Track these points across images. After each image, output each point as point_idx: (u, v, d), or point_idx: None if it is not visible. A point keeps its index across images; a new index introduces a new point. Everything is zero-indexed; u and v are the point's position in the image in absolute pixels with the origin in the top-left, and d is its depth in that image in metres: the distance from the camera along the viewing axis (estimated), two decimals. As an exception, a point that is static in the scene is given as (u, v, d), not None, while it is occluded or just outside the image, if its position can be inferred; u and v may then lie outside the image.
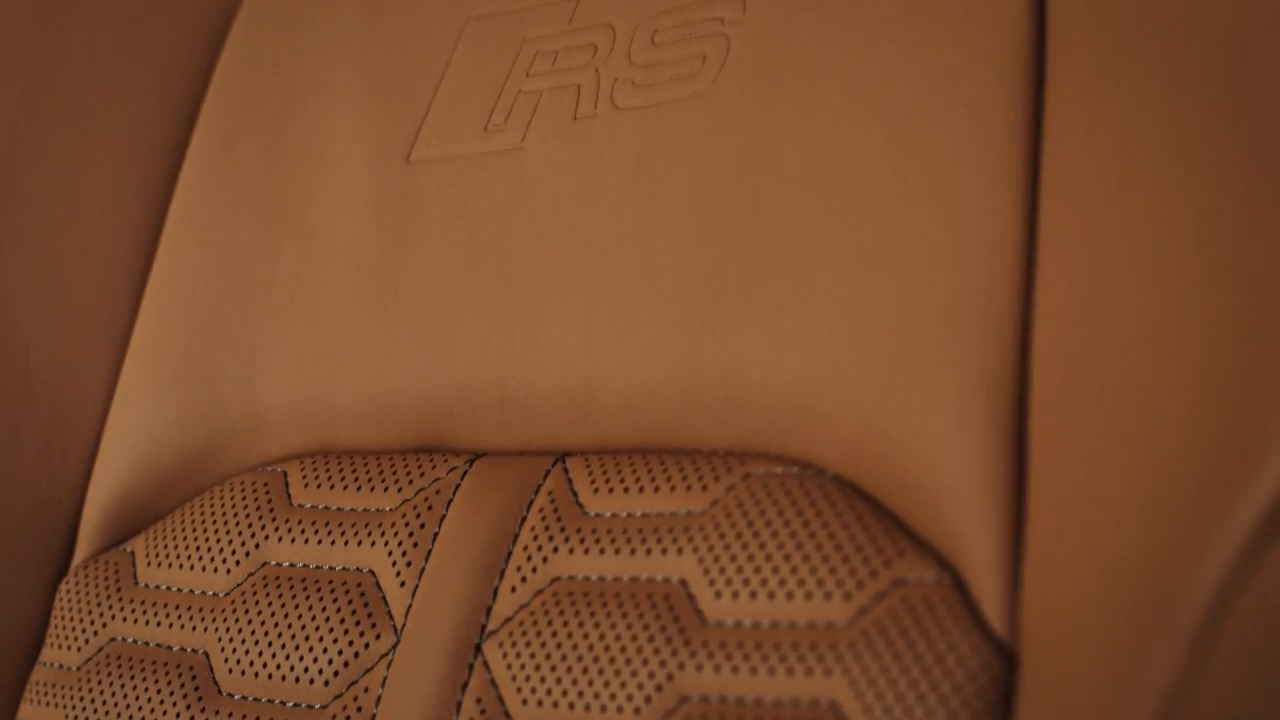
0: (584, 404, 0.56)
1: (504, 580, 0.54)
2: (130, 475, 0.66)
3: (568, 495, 0.54)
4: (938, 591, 0.45)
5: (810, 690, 0.46)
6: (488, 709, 0.52)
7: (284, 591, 0.58)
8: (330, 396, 0.62)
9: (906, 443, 0.47)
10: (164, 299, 0.68)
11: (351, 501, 0.59)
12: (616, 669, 0.49)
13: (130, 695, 0.60)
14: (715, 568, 0.49)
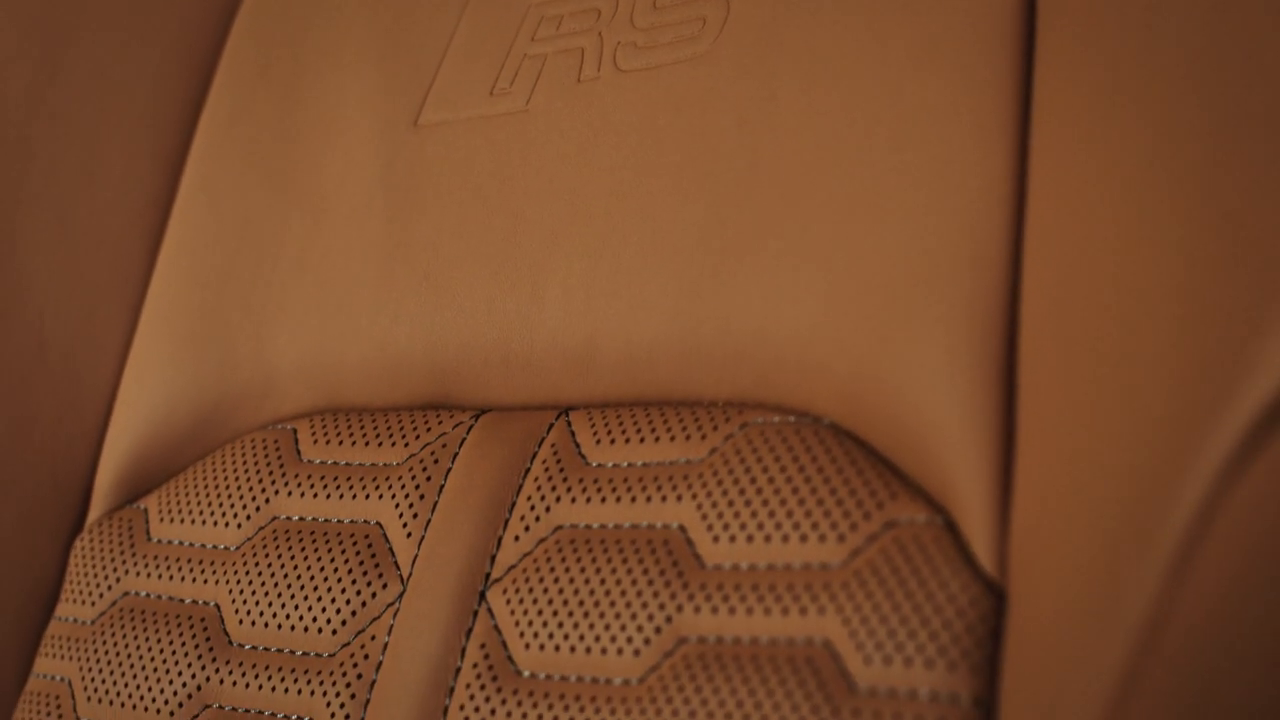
0: (586, 359, 0.57)
1: (508, 529, 0.55)
2: (143, 435, 0.67)
3: (570, 447, 0.55)
4: (929, 532, 0.46)
5: (805, 629, 0.47)
6: (491, 653, 0.53)
7: (293, 544, 0.59)
8: (339, 356, 0.63)
9: (900, 390, 0.48)
10: (177, 264, 0.69)
11: (359, 457, 0.60)
12: (617, 612, 0.51)
13: (143, 646, 0.61)
14: (713, 513, 0.50)
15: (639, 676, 0.49)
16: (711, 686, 0.47)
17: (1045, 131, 0.48)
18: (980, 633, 0.44)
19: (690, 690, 0.48)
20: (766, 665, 0.47)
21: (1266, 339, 0.33)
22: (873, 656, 0.45)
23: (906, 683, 0.44)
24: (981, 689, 0.44)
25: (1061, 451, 0.42)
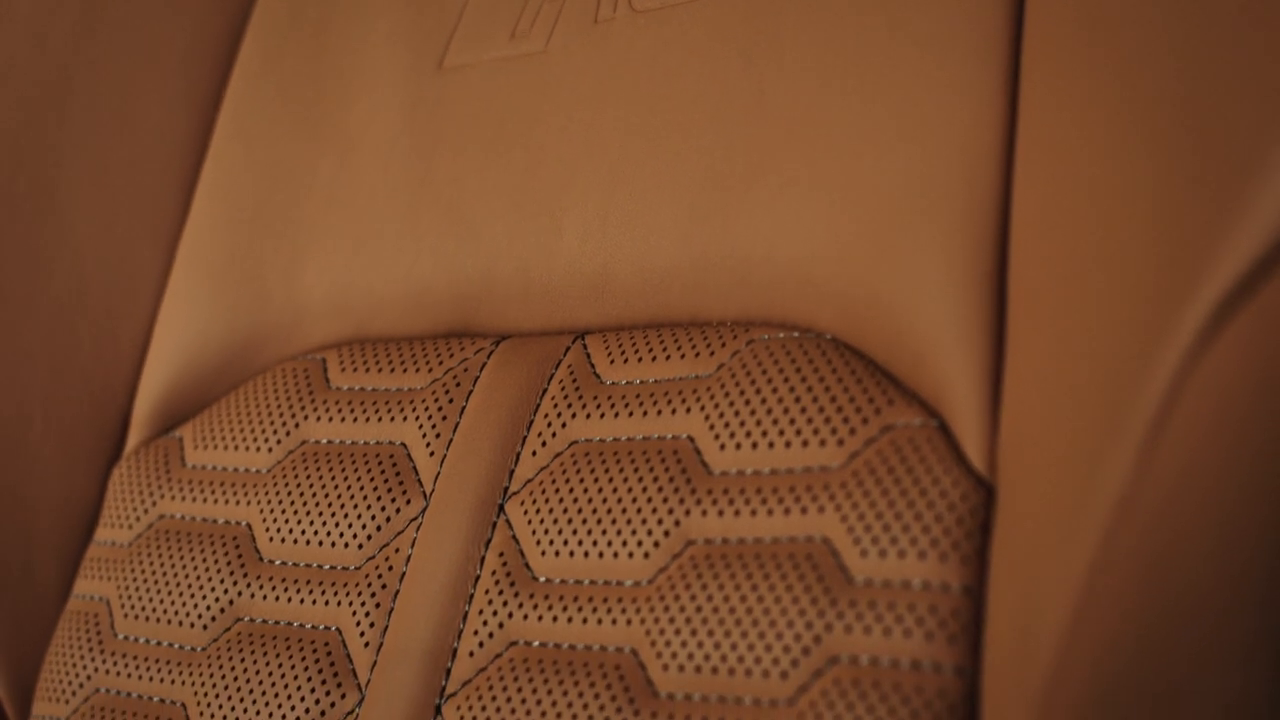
0: (602, 285, 0.60)
1: (525, 446, 0.57)
2: (179, 368, 0.70)
3: (586, 368, 0.58)
4: (923, 434, 0.49)
5: (805, 528, 0.49)
6: (509, 561, 0.55)
7: (321, 466, 0.62)
8: (366, 288, 0.66)
9: (897, 303, 0.51)
10: (211, 203, 0.72)
11: (385, 382, 0.63)
12: (628, 519, 0.53)
13: (177, 565, 0.64)
14: (720, 423, 0.53)
15: (648, 578, 0.52)
16: (717, 584, 0.50)
17: (1035, 57, 0.50)
18: (970, 526, 0.46)
19: (697, 588, 0.50)
20: (769, 562, 0.49)
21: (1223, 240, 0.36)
22: (869, 550, 0.47)
23: (900, 574, 0.47)
24: (971, 578, 0.46)
25: (1046, 355, 0.45)
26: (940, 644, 0.45)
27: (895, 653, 0.46)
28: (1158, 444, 0.37)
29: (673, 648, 0.50)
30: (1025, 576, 0.43)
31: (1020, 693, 0.42)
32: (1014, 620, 0.43)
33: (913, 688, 0.45)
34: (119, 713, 0.63)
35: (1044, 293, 0.46)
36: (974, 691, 0.45)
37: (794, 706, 0.47)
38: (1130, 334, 0.39)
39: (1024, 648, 0.42)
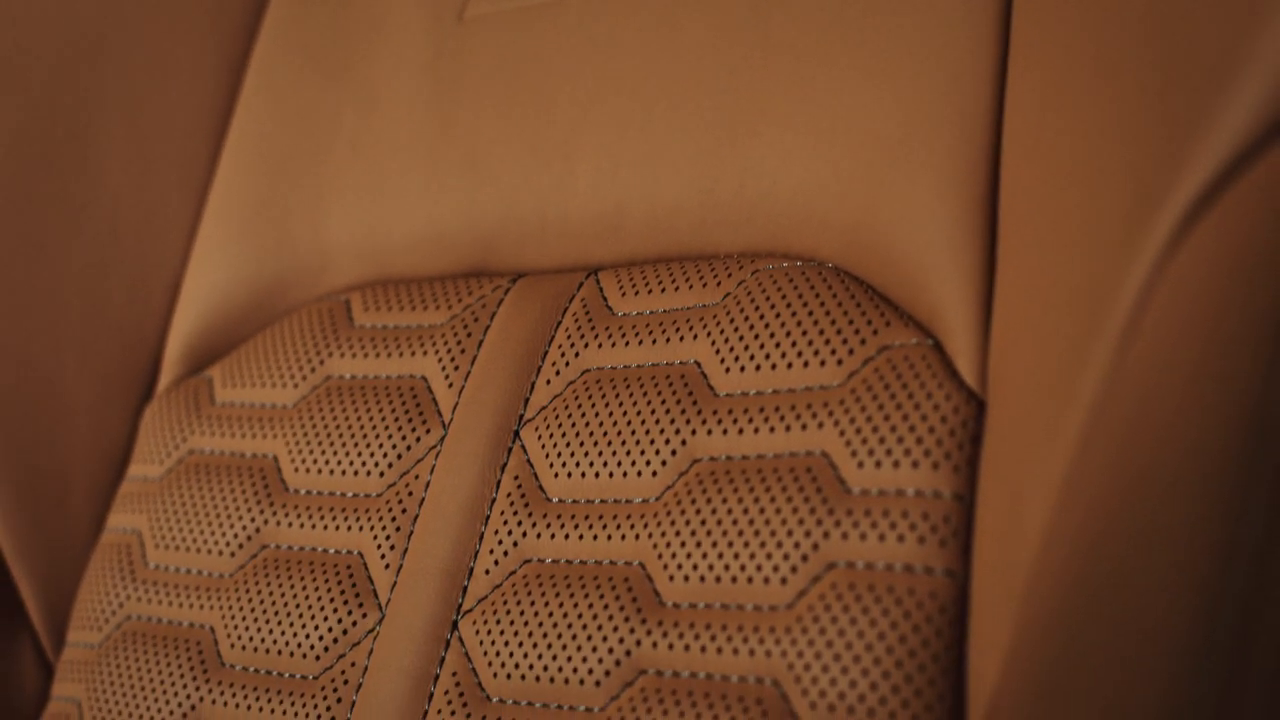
0: (614, 223, 0.62)
1: (540, 375, 0.60)
2: (209, 311, 0.73)
3: (599, 301, 0.60)
4: (918, 352, 0.51)
5: (805, 443, 0.51)
6: (524, 484, 0.58)
7: (345, 400, 0.65)
8: (388, 232, 0.68)
9: (895, 232, 0.53)
10: (240, 154, 0.75)
11: (406, 320, 0.65)
12: (637, 440, 0.55)
13: (207, 495, 0.67)
14: (725, 348, 0.55)
15: (656, 495, 0.54)
16: (720, 498, 0.52)
17: None
18: (961, 437, 0.49)
19: (702, 503, 0.52)
20: (770, 476, 0.51)
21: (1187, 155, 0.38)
22: (865, 462, 0.50)
23: (895, 483, 0.49)
24: (961, 486, 0.48)
25: (1032, 274, 0.47)
26: (932, 548, 0.48)
27: (889, 557, 0.48)
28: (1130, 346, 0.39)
29: (678, 560, 0.52)
30: (1011, 482, 0.45)
31: (1005, 590, 0.44)
32: (1000, 523, 0.45)
33: (905, 589, 0.47)
34: (149, 637, 0.65)
35: (1030, 216, 0.48)
36: (964, 592, 0.47)
37: (793, 610, 0.49)
38: (1106, 247, 0.41)
39: (1008, 549, 0.44)
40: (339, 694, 0.59)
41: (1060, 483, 0.41)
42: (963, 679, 0.47)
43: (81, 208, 0.74)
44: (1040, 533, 0.42)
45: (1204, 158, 0.38)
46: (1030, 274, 0.47)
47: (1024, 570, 0.43)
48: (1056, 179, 0.46)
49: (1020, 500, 0.44)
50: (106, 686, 0.66)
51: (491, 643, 0.56)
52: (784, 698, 0.48)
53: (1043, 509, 0.42)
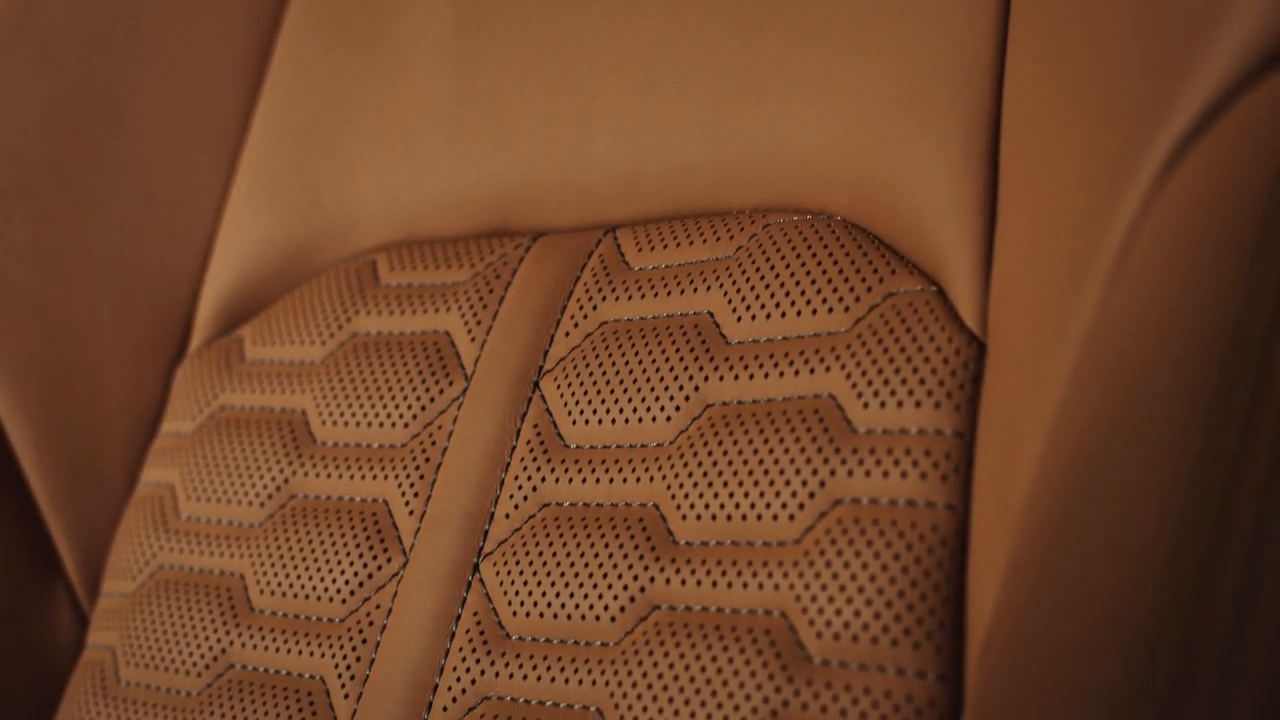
0: (631, 183, 0.64)
1: (559, 328, 0.62)
2: (239, 273, 0.75)
3: (616, 257, 0.62)
4: (921, 298, 0.53)
5: (812, 386, 0.53)
6: (543, 431, 0.60)
7: (370, 355, 0.67)
8: (413, 194, 0.71)
9: (900, 185, 0.55)
10: (270, 121, 0.77)
11: (430, 278, 0.68)
12: (652, 387, 0.57)
13: (236, 450, 0.69)
14: (737, 298, 0.57)
15: (670, 439, 0.56)
16: (731, 440, 0.54)
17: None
18: (963, 377, 0.50)
19: (714, 445, 0.54)
20: (779, 419, 0.53)
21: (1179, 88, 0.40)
22: (870, 403, 0.52)
23: (898, 422, 0.51)
24: (962, 424, 0.50)
25: (1029, 220, 0.49)
26: (934, 483, 0.50)
27: (893, 493, 0.50)
28: (1119, 281, 0.41)
29: (691, 500, 0.54)
30: (1008, 418, 0.47)
31: (1002, 521, 0.46)
32: (998, 458, 0.47)
33: (908, 523, 0.49)
34: (182, 585, 0.68)
35: (1028, 167, 0.50)
36: (964, 525, 0.49)
37: (800, 545, 0.51)
38: (1097, 189, 0.43)
39: (1006, 481, 0.46)
40: (364, 635, 0.61)
41: (1054, 415, 0.43)
42: (962, 607, 0.49)
43: (116, 174, 0.76)
44: (1035, 463, 0.44)
45: (1187, 99, 0.40)
46: (1028, 221, 0.49)
47: (1018, 499, 0.45)
48: (1052, 130, 0.48)
49: (1017, 435, 0.46)
50: (140, 632, 0.68)
51: (511, 583, 0.58)
52: (791, 628, 0.50)
53: (1037, 440, 0.44)
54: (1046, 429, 0.44)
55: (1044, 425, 0.44)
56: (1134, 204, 0.41)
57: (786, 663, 0.50)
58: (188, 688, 0.65)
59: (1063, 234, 0.45)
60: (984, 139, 0.53)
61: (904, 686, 0.48)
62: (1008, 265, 0.50)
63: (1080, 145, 0.45)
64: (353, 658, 0.61)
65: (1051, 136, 0.48)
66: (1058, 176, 0.47)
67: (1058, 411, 0.43)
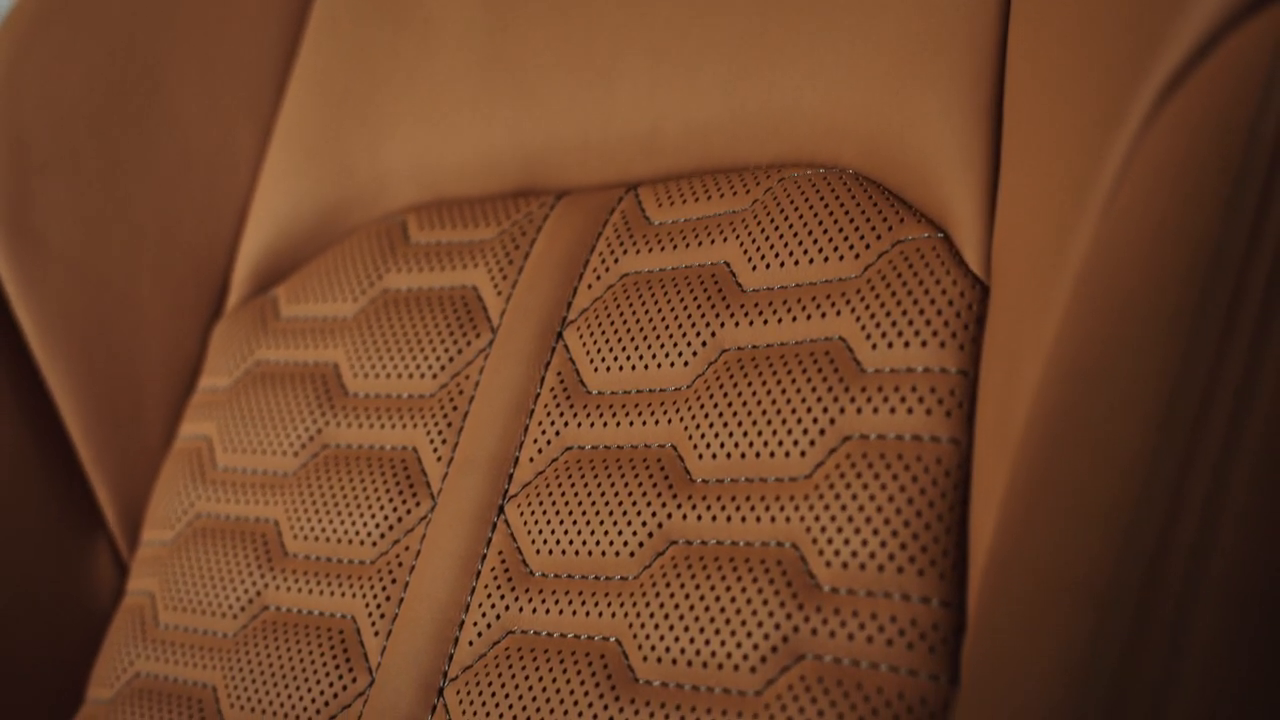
0: (652, 142, 0.66)
1: (582, 281, 0.64)
2: (275, 234, 0.78)
3: (637, 212, 0.65)
4: (928, 244, 0.55)
5: (823, 330, 0.56)
6: (566, 379, 0.62)
7: (400, 310, 0.69)
8: (442, 156, 0.73)
9: (909, 138, 0.57)
10: (305, 88, 0.80)
11: (459, 236, 0.70)
12: (671, 334, 0.60)
13: (270, 401, 0.71)
14: (753, 248, 0.59)
15: (688, 383, 0.59)
16: (746, 381, 0.56)
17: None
18: (967, 318, 0.53)
19: (729, 387, 0.57)
20: (792, 360, 0.56)
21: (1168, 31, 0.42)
22: (878, 344, 0.54)
23: (905, 361, 0.53)
24: (966, 363, 0.52)
25: (1030, 168, 0.51)
26: (938, 418, 0.52)
27: (899, 428, 0.52)
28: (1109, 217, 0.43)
29: (707, 440, 0.57)
30: (1008, 354, 0.49)
31: (1001, 451, 0.48)
32: (999, 392, 0.50)
33: (913, 456, 0.51)
34: (218, 533, 0.70)
35: (1030, 117, 0.52)
36: (967, 458, 0.51)
37: (810, 480, 0.53)
38: (1091, 131, 0.46)
39: (1005, 413, 0.48)
40: (394, 576, 0.63)
41: (1046, 353, 0.45)
42: (965, 536, 0.51)
43: (155, 140, 0.79)
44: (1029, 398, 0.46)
45: (1174, 42, 0.42)
46: (1028, 168, 0.51)
47: (1015, 430, 0.47)
48: (1051, 81, 0.50)
49: (1016, 369, 0.48)
50: (178, 578, 0.71)
51: (535, 523, 0.60)
52: (802, 558, 0.52)
53: (1034, 374, 0.46)
54: (1038, 369, 0.46)
55: (1041, 359, 0.46)
56: (1124, 144, 0.44)
57: (797, 591, 0.52)
58: (224, 629, 0.68)
59: (1060, 178, 0.48)
60: (988, 93, 0.55)
61: (909, 611, 0.50)
62: (1010, 211, 0.52)
63: (1076, 94, 0.48)
64: (382, 597, 0.63)
65: (1051, 87, 0.50)
66: (1056, 125, 0.49)
67: (1052, 344, 0.45)
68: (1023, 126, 0.52)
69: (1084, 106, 0.47)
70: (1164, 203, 0.40)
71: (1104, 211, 0.44)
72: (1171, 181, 0.41)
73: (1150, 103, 0.43)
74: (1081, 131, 0.47)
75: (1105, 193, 0.44)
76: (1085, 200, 0.45)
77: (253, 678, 0.65)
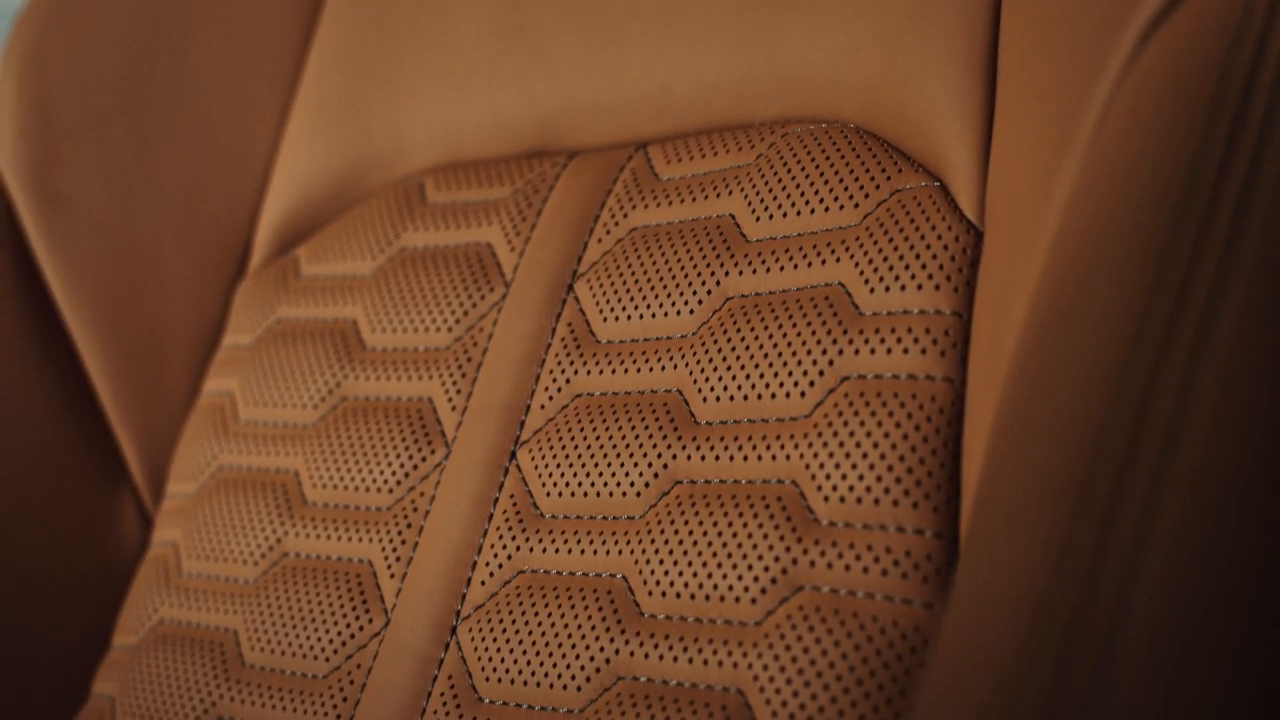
0: (661, 102, 0.68)
1: (592, 235, 0.66)
2: (297, 197, 0.80)
3: (646, 170, 0.67)
4: (925, 193, 0.57)
5: (823, 276, 0.58)
6: (577, 330, 0.64)
7: (417, 268, 0.71)
8: (459, 120, 0.75)
9: (907, 92, 0.59)
10: (325, 55, 0.82)
11: (474, 196, 0.72)
12: (678, 284, 0.62)
13: (291, 356, 0.74)
14: (756, 200, 0.61)
15: (693, 330, 0.61)
16: (749, 327, 0.58)
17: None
18: (961, 261, 0.55)
19: (733, 333, 0.59)
20: (793, 306, 0.58)
21: None
22: (876, 288, 0.56)
23: (902, 304, 0.55)
24: (960, 305, 0.54)
25: (1021, 117, 0.53)
26: (933, 358, 0.54)
27: (896, 368, 0.54)
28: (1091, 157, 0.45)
29: (711, 383, 0.59)
30: (999, 295, 0.51)
31: (992, 388, 0.50)
32: (990, 331, 0.51)
33: (909, 394, 0.53)
34: (239, 483, 0.73)
35: (1022, 69, 0.54)
36: (960, 395, 0.53)
37: (810, 419, 0.55)
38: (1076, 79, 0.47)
39: (995, 351, 0.50)
40: (409, 521, 0.65)
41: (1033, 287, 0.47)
42: (958, 471, 0.53)
43: (181, 106, 0.81)
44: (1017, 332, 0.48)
45: None
46: (1019, 116, 0.53)
47: (1004, 365, 0.49)
48: (1041, 30, 0.52)
49: (1006, 308, 0.50)
50: (201, 528, 0.73)
51: (545, 467, 0.62)
52: (801, 495, 0.54)
53: (1019, 311, 0.48)
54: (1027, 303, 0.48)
55: (1025, 301, 0.48)
56: (1106, 88, 0.45)
57: (796, 525, 0.54)
58: (245, 575, 0.70)
59: (1047, 125, 0.49)
60: (983, 47, 0.57)
61: (903, 543, 0.52)
62: (1002, 158, 0.54)
63: (1063, 43, 0.49)
64: (398, 541, 0.65)
65: (1040, 38, 0.52)
66: (1044, 74, 0.51)
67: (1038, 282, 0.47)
68: (1015, 77, 0.54)
69: (1070, 55, 0.49)
70: (1141, 138, 0.42)
71: (1086, 155, 0.45)
72: (1148, 118, 0.43)
73: (1130, 47, 0.45)
74: (1067, 78, 0.49)
75: (1088, 135, 0.46)
76: (1070, 144, 0.47)
77: (272, 621, 0.68)
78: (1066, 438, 0.37)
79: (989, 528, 0.40)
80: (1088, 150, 0.45)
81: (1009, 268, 0.51)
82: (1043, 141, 0.50)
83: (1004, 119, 0.55)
